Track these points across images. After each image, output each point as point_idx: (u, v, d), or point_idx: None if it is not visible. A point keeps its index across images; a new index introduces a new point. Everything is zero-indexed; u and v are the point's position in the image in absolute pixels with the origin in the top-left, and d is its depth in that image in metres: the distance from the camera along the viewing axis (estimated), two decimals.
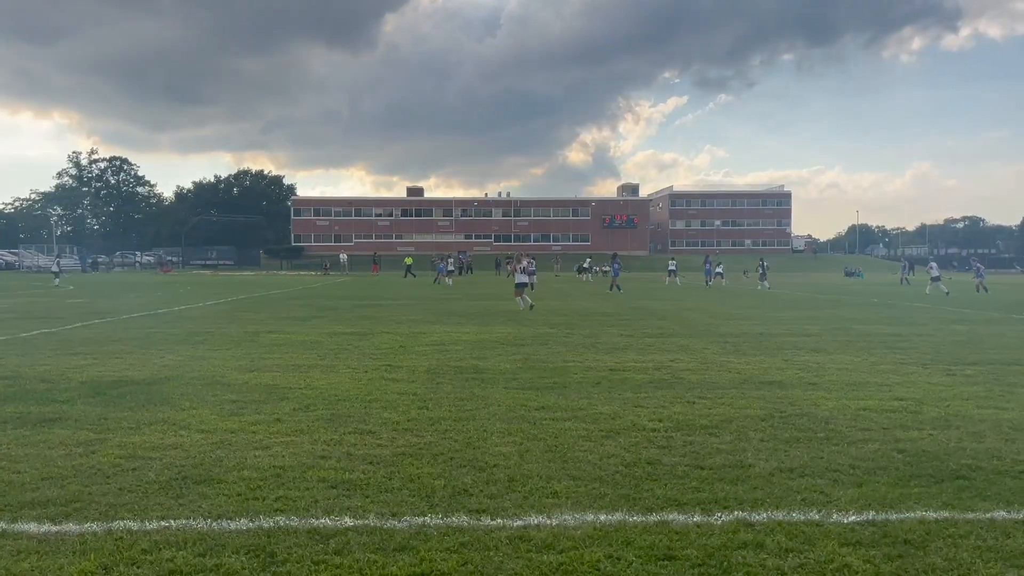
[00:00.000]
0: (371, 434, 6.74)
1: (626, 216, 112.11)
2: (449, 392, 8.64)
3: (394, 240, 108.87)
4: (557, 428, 6.97)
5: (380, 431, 6.85)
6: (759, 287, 41.35)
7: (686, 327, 16.92)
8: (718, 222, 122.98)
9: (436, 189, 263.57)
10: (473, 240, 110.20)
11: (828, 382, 9.47)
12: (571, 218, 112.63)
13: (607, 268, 68.18)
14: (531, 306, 21.48)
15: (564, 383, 9.27)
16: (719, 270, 43.92)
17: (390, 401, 8.12)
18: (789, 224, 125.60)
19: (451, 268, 47.25)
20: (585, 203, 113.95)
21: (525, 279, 22.99)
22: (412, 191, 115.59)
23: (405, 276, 57.02)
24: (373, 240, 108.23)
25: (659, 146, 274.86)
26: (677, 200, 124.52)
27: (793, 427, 7.08)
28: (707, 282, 40.91)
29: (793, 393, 8.72)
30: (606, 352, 12.31)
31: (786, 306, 24.84)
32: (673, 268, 45.78)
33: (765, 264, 42.43)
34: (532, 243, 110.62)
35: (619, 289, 33.61)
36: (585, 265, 66.48)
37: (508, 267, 46.00)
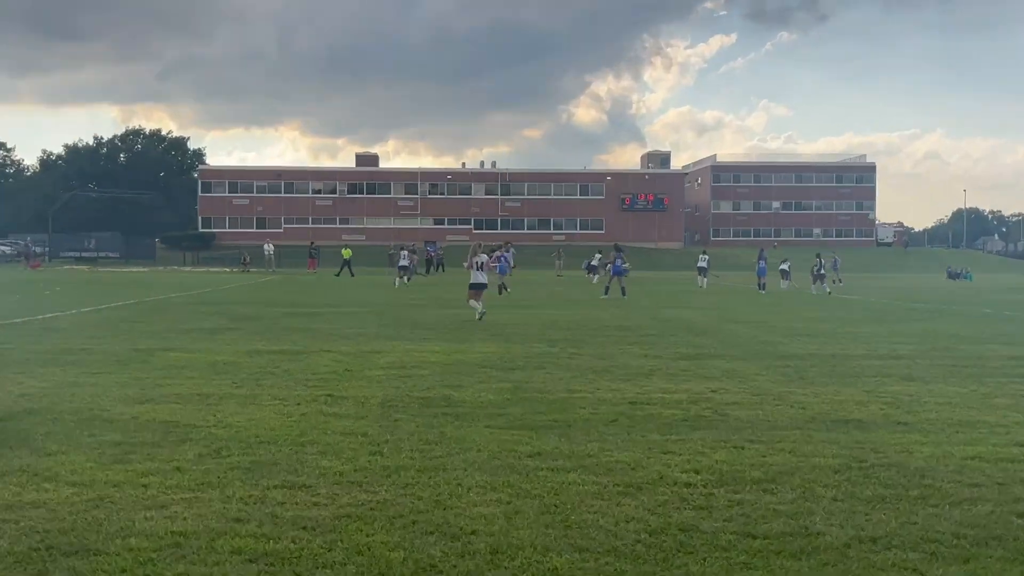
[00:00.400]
0: (305, 489, 6.71)
1: (652, 196, 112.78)
2: (411, 432, 8.62)
3: (338, 226, 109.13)
4: (557, 482, 6.97)
5: (317, 485, 6.82)
6: (812, 290, 41.62)
7: (732, 346, 16.97)
8: (777, 204, 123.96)
9: (396, 157, 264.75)
10: (446, 227, 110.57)
11: (924, 421, 9.54)
12: (578, 198, 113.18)
13: (627, 264, 68.32)
14: (482, 315, 21.97)
15: (567, 421, 9.28)
16: (785, 267, 43.80)
17: (331, 444, 8.10)
18: (873, 208, 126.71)
19: (404, 262, 47.13)
20: (598, 177, 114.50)
21: (483, 279, 23.14)
22: (363, 159, 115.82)
23: (339, 274, 57.08)
24: (310, 226, 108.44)
25: (698, 101, 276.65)
26: (722, 174, 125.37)
27: (876, 482, 7.10)
28: (760, 285, 40.97)
29: (877, 436, 8.76)
30: (624, 379, 12.34)
31: (867, 318, 24.99)
32: (703, 265, 46.22)
33: (823, 261, 42.63)
34: (526, 231, 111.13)
35: (623, 293, 33.68)
36: (594, 262, 66.74)
37: (490, 261, 46.02)
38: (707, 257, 47.81)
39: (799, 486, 6.93)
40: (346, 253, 59.05)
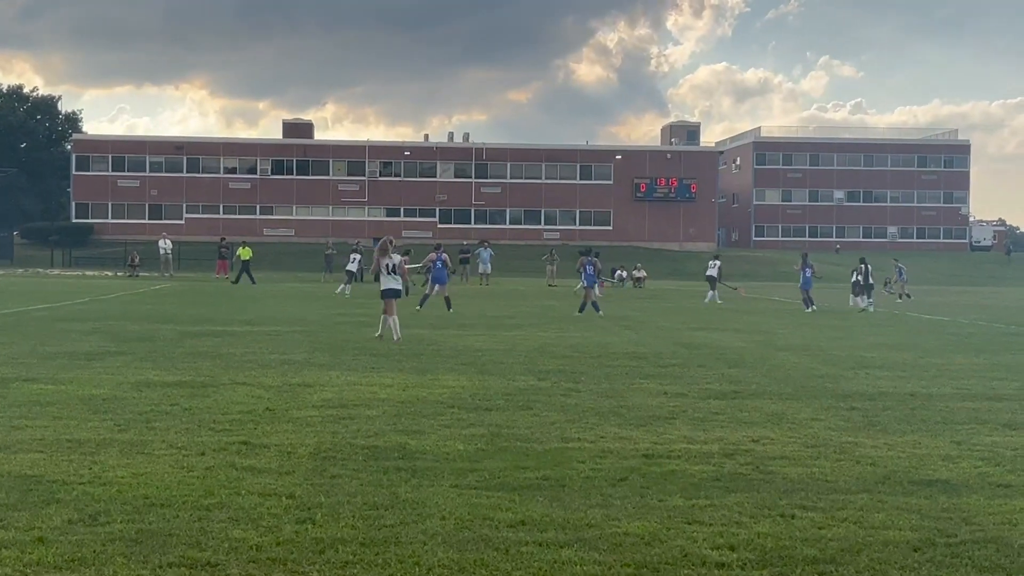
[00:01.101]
0: (210, 568, 6.66)
1: (676, 181, 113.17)
2: (353, 493, 8.59)
3: (258, 217, 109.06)
4: (547, 561, 6.94)
5: (227, 563, 6.77)
6: (852, 304, 41.86)
7: (779, 381, 16.99)
8: (840, 194, 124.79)
9: (337, 126, 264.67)
10: (402, 219, 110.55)
11: None
12: (578, 182, 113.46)
13: (639, 273, 68.80)
14: (379, 336, 22.54)
15: (561, 479, 9.26)
16: (859, 278, 43.75)
17: (245, 508, 8.05)
18: (966, 200, 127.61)
19: (352, 266, 47.02)
20: (604, 156, 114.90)
21: (397, 284, 23.46)
22: (293, 129, 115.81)
23: (238, 280, 57.19)
24: (220, 217, 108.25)
25: (736, 57, 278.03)
26: (768, 154, 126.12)
27: (969, 563, 7.11)
28: (808, 303, 40.71)
29: (970, 501, 8.79)
30: (636, 424, 12.35)
31: (957, 346, 25.12)
32: (713, 274, 46.74)
33: (868, 267, 42.73)
34: (508, 226, 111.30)
35: (597, 310, 33.66)
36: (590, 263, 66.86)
37: (465, 266, 46.56)
38: (718, 263, 48.22)
39: (867, 568, 6.93)
40: (244, 253, 58.85)
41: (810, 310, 39.26)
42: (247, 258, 58.88)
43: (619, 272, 71.27)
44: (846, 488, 9.21)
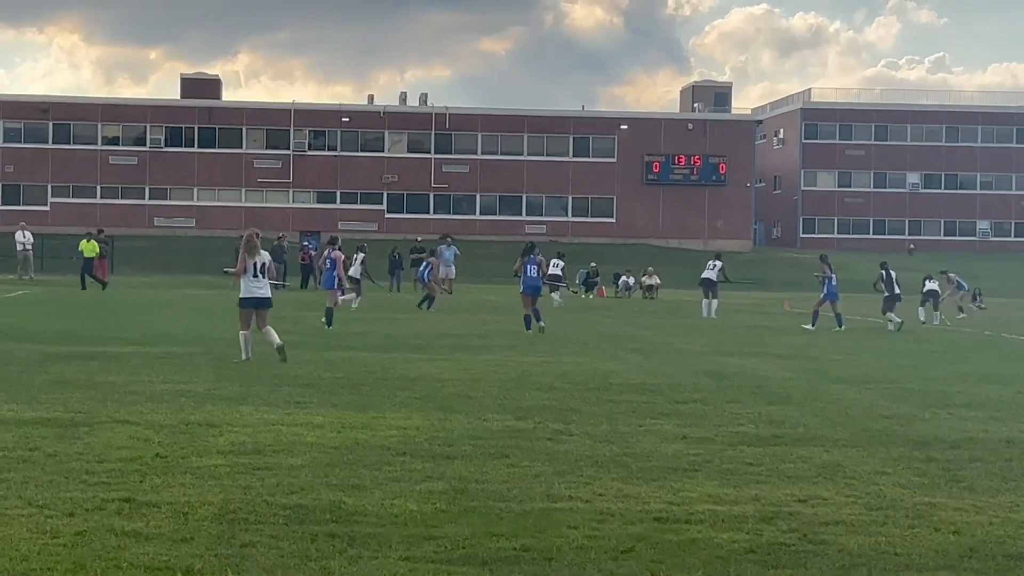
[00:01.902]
0: None
1: (700, 159, 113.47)
2: (271, 567, 8.57)
3: (148, 202, 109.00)
4: None
5: None
6: (890, 324, 42.22)
7: (834, 423, 17.01)
8: (914, 178, 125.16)
9: (252, 84, 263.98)
10: (338, 206, 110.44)
11: None
12: (571, 160, 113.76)
13: (651, 279, 68.97)
14: (247, 358, 23.15)
15: (547, 550, 9.25)
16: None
17: None
18: None
19: (354, 271, 47.07)
20: (605, 125, 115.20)
21: (264, 292, 24.01)
22: (194, 86, 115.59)
23: (84, 284, 57.11)
24: (97, 202, 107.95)
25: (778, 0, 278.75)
26: (821, 125, 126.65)
27: None
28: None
29: None
30: (647, 478, 12.33)
31: None
32: (711, 276, 47.20)
33: (890, 272, 42.86)
34: (478, 216, 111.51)
35: (540, 325, 33.69)
36: (590, 272, 66.93)
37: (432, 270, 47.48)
38: (720, 264, 48.51)
39: None
40: (88, 249, 58.44)
41: (842, 328, 39.46)
42: (91, 255, 58.33)
43: (625, 278, 71.52)
44: (921, 563, 9.22)
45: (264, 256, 24.00)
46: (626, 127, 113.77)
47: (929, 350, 32.67)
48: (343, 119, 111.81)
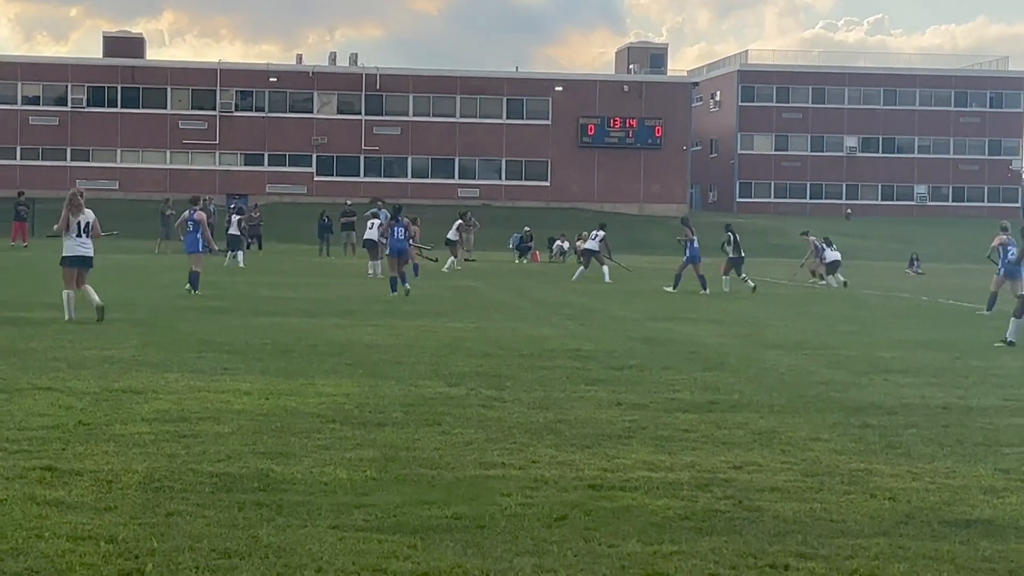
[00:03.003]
0: None
1: (636, 122, 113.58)
2: (197, 536, 8.52)
3: (70, 164, 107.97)
4: None
5: None
6: (818, 284, 42.46)
7: (770, 388, 17.11)
8: (852, 142, 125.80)
9: (177, 43, 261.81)
10: (266, 168, 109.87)
11: None
12: (505, 122, 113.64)
13: (586, 244, 68.94)
14: (69, 318, 23.54)
15: (479, 518, 9.25)
16: (727, 249, 44.07)
17: (51, 557, 7.94)
18: (1019, 151, 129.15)
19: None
20: (540, 87, 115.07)
21: (87, 251, 24.64)
22: (116, 45, 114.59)
23: None
24: (16, 163, 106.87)
25: None
26: (758, 87, 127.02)
27: None
28: (702, 282, 41.00)
29: (1021, 549, 8.87)
30: (580, 445, 12.36)
31: (1006, 344, 25.43)
32: (592, 247, 47.86)
33: (735, 235, 43.60)
34: (410, 179, 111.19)
35: (406, 288, 33.90)
36: (523, 236, 67.01)
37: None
38: (602, 234, 48.81)
39: None
40: None
41: (706, 291, 40.12)
42: None
43: (559, 243, 71.56)
44: (856, 530, 9.28)
45: (88, 215, 24.24)
46: (561, 89, 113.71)
47: (866, 316, 32.90)
48: (271, 79, 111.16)
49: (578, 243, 69.20)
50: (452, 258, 52.63)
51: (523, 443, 12.36)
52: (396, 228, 35.56)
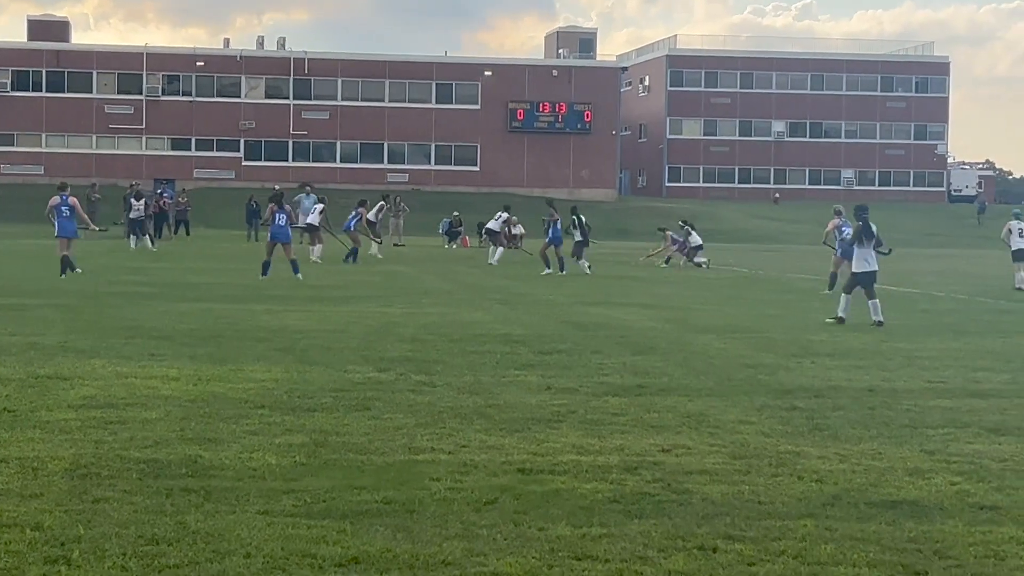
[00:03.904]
0: None
1: (565, 107, 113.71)
2: (124, 522, 8.50)
3: None
4: None
5: None
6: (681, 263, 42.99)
7: (699, 372, 17.20)
8: (780, 126, 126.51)
9: (103, 26, 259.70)
10: (193, 153, 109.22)
11: None
12: (434, 107, 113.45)
13: (516, 229, 69.06)
14: None
15: (409, 502, 9.27)
16: (573, 232, 44.51)
17: None
18: (944, 135, 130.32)
19: (136, 213, 46.53)
20: (469, 71, 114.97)
21: None
22: (41, 28, 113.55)
23: None
24: None
25: None
26: (687, 72, 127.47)
27: None
28: (561, 264, 41.42)
29: (944, 528, 8.99)
30: (510, 429, 12.40)
31: (929, 326, 25.69)
32: (494, 227, 47.73)
33: (580, 217, 44.47)
34: (339, 164, 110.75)
35: (298, 277, 33.96)
36: (452, 221, 66.99)
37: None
38: (505, 216, 48.95)
39: None
40: None
41: (564, 273, 40.61)
42: None
43: (502, 223, 71.34)
44: (784, 511, 9.37)
45: None
46: (490, 73, 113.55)
47: (794, 300, 33.10)
48: (198, 63, 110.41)
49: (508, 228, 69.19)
50: (377, 242, 52.10)
51: (453, 428, 12.39)
52: (279, 214, 35.36)
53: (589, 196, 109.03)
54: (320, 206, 46.82)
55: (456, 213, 73.60)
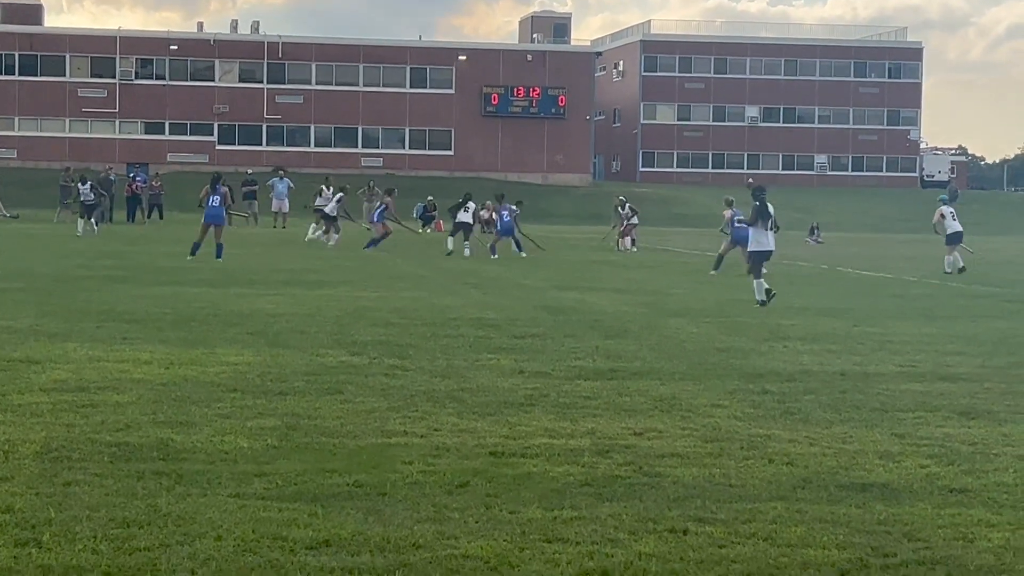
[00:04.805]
0: None
1: (539, 91, 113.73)
2: (95, 505, 8.49)
3: None
4: None
5: None
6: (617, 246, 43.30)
7: (670, 356, 17.25)
8: (753, 112, 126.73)
9: (76, 9, 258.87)
10: (167, 137, 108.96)
11: (995, 487, 9.88)
12: (408, 91, 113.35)
13: (487, 213, 69.01)
14: None
15: (380, 485, 9.28)
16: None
17: None
18: (916, 121, 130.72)
19: (90, 197, 46.55)
20: (443, 56, 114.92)
21: None
22: (15, 12, 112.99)
23: None
24: None
25: None
26: (661, 57, 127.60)
27: None
28: (517, 245, 41.67)
29: (914, 511, 9.03)
30: (482, 412, 12.43)
31: (900, 311, 25.81)
32: (467, 220, 47.25)
33: (625, 206, 44.90)
34: (313, 149, 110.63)
35: (219, 261, 33.98)
36: (427, 205, 66.95)
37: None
38: (472, 206, 48.90)
39: None
40: None
41: (523, 254, 40.81)
42: None
43: (483, 212, 71.24)
44: (755, 494, 9.41)
45: None
46: (464, 58, 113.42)
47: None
48: (171, 47, 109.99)
49: (482, 212, 69.10)
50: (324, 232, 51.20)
51: (425, 411, 12.40)
52: (212, 196, 35.45)
53: (564, 181, 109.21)
54: (340, 195, 46.97)
55: (430, 198, 73.46)
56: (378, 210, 47.07)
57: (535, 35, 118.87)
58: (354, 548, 7.72)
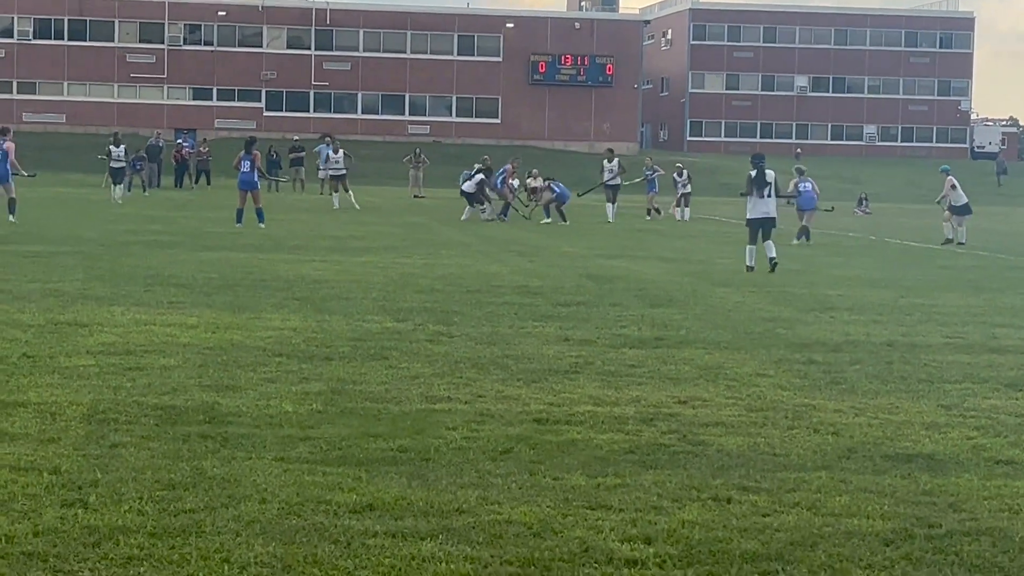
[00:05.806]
0: None
1: (587, 60, 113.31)
2: (141, 467, 8.53)
3: (16, 96, 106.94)
4: (403, 557, 6.95)
5: None
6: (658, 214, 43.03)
7: (716, 325, 17.21)
8: (802, 81, 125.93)
9: None
10: (214, 103, 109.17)
11: None
12: (456, 59, 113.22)
13: (535, 181, 68.73)
14: None
15: (424, 450, 9.29)
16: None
17: None
18: (968, 91, 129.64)
19: (118, 163, 46.94)
20: (491, 23, 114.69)
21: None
22: None
23: None
24: None
25: None
26: (709, 25, 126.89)
27: (958, 561, 7.25)
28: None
29: (960, 482, 8.99)
30: (527, 379, 12.43)
31: (948, 282, 25.66)
32: (468, 190, 47.21)
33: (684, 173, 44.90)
34: (360, 115, 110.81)
35: (260, 226, 33.79)
36: (477, 172, 66.50)
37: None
38: (480, 176, 48.39)
39: (823, 567, 7.05)
40: None
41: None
42: None
43: (529, 180, 71.02)
44: (799, 464, 9.39)
45: None
46: (512, 26, 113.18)
47: (813, 255, 33.03)
48: (220, 13, 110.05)
49: (528, 180, 68.85)
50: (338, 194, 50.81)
51: (469, 378, 12.42)
52: (244, 161, 35.40)
53: (611, 147, 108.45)
54: (479, 176, 46.64)
55: (486, 157, 73.32)
56: (499, 177, 47.72)
57: (583, 3, 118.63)
58: (397, 512, 7.73)
